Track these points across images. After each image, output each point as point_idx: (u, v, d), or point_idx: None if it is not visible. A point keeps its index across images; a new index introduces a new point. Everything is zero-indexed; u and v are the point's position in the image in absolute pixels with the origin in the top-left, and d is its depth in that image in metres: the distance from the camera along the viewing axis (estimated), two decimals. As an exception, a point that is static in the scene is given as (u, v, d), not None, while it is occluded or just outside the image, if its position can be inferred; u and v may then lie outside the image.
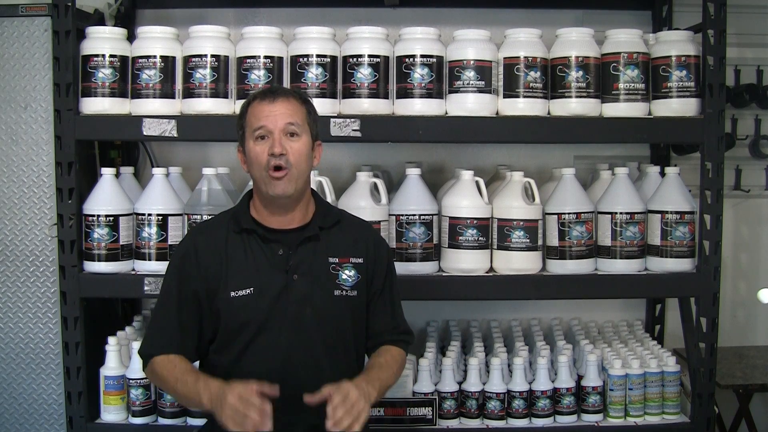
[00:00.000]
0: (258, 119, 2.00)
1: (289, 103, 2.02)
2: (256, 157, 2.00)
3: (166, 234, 2.58)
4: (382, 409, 2.58)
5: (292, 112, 2.01)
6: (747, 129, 3.22)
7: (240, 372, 2.03)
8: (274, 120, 1.99)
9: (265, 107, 2.00)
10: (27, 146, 2.64)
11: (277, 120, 1.99)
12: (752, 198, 3.26)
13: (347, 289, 2.09)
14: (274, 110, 2.00)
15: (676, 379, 2.70)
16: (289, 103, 2.02)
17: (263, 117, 2.00)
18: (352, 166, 3.00)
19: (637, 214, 2.64)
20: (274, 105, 2.00)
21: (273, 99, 2.01)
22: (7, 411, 2.70)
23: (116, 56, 2.55)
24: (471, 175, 2.65)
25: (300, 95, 2.09)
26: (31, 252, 2.66)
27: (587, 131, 2.61)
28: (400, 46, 2.58)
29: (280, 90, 2.07)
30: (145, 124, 2.53)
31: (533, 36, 2.60)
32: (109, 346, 2.62)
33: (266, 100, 2.01)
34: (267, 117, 1.99)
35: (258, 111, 2.01)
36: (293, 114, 2.01)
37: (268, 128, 1.99)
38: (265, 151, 1.98)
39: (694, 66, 2.60)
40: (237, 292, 2.02)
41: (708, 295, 2.61)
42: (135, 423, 2.60)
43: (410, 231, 2.59)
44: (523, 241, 2.60)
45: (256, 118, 2.01)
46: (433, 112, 2.56)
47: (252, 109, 2.03)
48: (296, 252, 2.05)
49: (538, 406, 2.64)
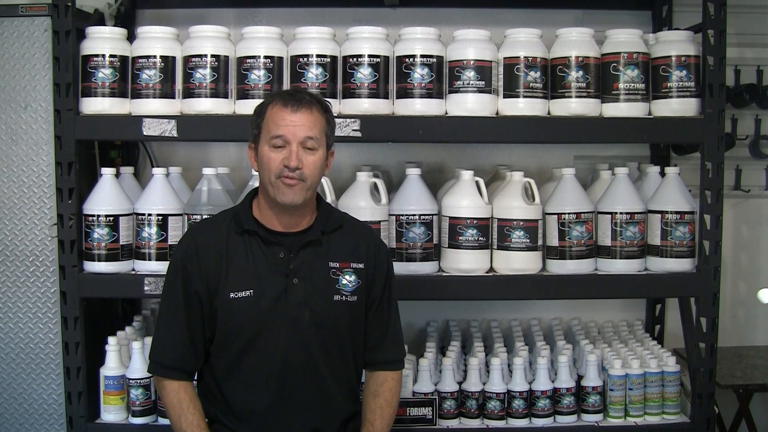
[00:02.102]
0: (277, 127, 1.96)
1: (311, 114, 1.98)
2: (268, 163, 1.97)
3: (166, 234, 2.58)
4: (382, 409, 2.59)
5: (312, 125, 1.97)
6: (747, 129, 3.22)
7: (238, 375, 2.03)
8: (293, 132, 1.95)
9: (287, 115, 1.96)
10: (27, 146, 2.64)
11: (296, 132, 1.95)
12: (752, 198, 3.26)
13: (347, 294, 2.08)
14: (295, 120, 1.96)
15: (676, 379, 2.70)
16: (311, 115, 1.97)
17: (283, 126, 1.96)
18: (352, 166, 3.00)
19: (637, 214, 2.64)
20: (295, 115, 1.96)
21: (296, 108, 1.96)
22: (7, 411, 2.70)
23: (116, 56, 2.55)
24: (471, 175, 2.65)
25: (322, 103, 2.04)
26: (31, 252, 2.66)
27: (587, 131, 2.61)
28: (400, 46, 2.58)
29: (304, 98, 2.01)
30: (145, 124, 2.53)
31: (533, 36, 2.60)
32: (109, 346, 2.62)
33: (289, 108, 1.97)
34: (287, 127, 1.95)
35: (278, 118, 1.97)
36: (313, 127, 1.97)
37: (287, 139, 1.96)
38: (279, 159, 1.96)
39: (694, 66, 2.60)
40: (236, 294, 2.01)
41: (708, 295, 2.61)
42: (135, 423, 2.60)
43: (410, 231, 2.59)
44: (523, 241, 2.59)
45: (276, 125, 1.97)
46: (433, 112, 2.56)
47: (272, 113, 1.98)
48: (297, 256, 2.05)
49: (538, 406, 2.64)
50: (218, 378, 2.06)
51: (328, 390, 2.05)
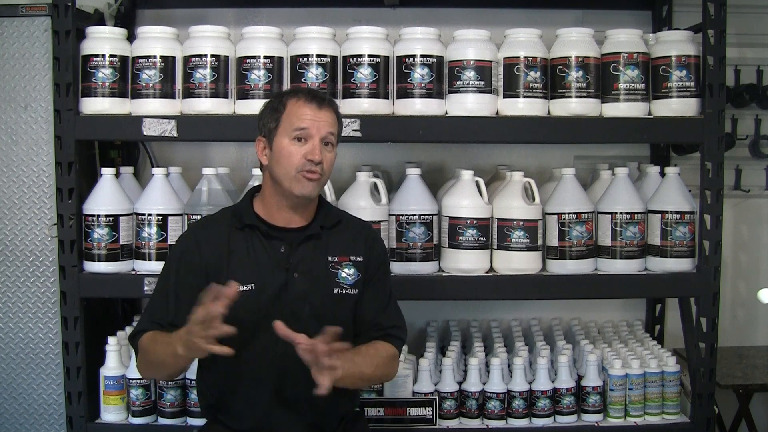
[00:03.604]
0: (302, 120, 2.01)
1: (332, 113, 2.07)
2: (289, 156, 2.01)
3: (166, 234, 2.58)
4: (382, 409, 2.59)
5: (333, 123, 2.06)
6: (747, 129, 3.22)
7: (238, 368, 2.03)
8: (318, 127, 2.01)
9: (311, 111, 2.02)
10: (27, 146, 2.64)
11: (321, 127, 2.01)
12: (752, 198, 3.26)
13: (347, 287, 2.10)
14: (320, 116, 2.02)
15: (676, 379, 2.70)
16: (332, 113, 2.06)
17: (308, 119, 2.01)
18: (352, 166, 2.99)
19: (637, 214, 2.64)
20: (320, 112, 2.02)
21: (320, 105, 2.03)
22: (7, 411, 2.70)
23: (116, 56, 2.55)
24: (471, 175, 2.65)
25: (335, 105, 2.11)
26: (31, 252, 2.66)
27: (587, 131, 2.61)
28: (400, 46, 2.58)
29: (325, 98, 2.08)
30: (145, 124, 2.53)
31: (533, 36, 2.60)
32: (109, 346, 2.62)
33: (313, 104, 2.03)
34: (312, 121, 2.01)
35: (302, 112, 2.02)
36: (333, 125, 2.06)
37: (311, 132, 2.01)
38: (300, 153, 2.00)
39: (694, 66, 2.60)
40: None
41: (708, 295, 2.61)
42: (135, 423, 2.60)
43: (410, 231, 2.59)
44: (523, 241, 2.60)
45: (300, 118, 2.01)
46: (433, 112, 2.56)
47: (295, 108, 2.03)
48: (297, 250, 2.06)
49: (538, 406, 2.64)
50: (218, 373, 2.06)
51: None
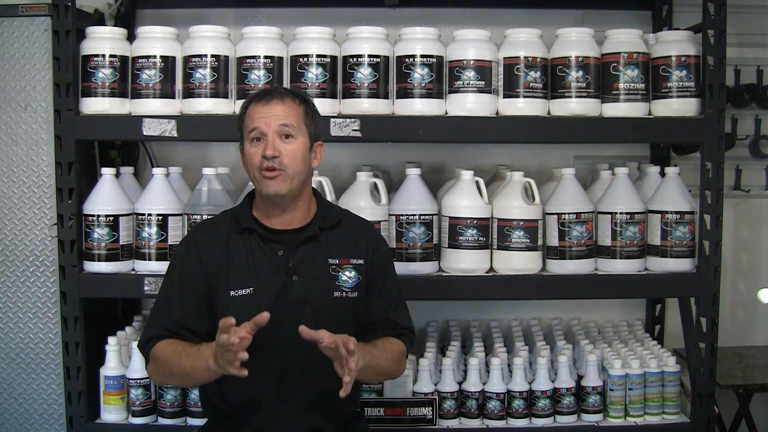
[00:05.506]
0: (252, 121, 2.01)
1: (284, 104, 2.02)
2: (250, 158, 2.02)
3: (166, 234, 2.58)
4: (382, 409, 2.59)
5: (287, 114, 2.01)
6: (747, 129, 3.22)
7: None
8: (267, 122, 2.00)
9: (260, 109, 2.01)
10: (27, 146, 2.64)
11: (270, 122, 2.00)
12: (752, 198, 3.26)
13: (347, 290, 2.09)
14: (268, 112, 2.00)
15: (676, 379, 2.70)
16: (283, 105, 2.01)
17: (257, 118, 2.00)
18: (352, 166, 3.00)
19: (637, 214, 2.64)
20: (268, 107, 2.01)
21: (268, 100, 2.02)
22: (7, 411, 2.70)
23: (116, 56, 2.55)
24: (471, 175, 2.65)
25: (298, 95, 2.08)
26: (31, 252, 2.66)
27: (587, 131, 2.61)
28: (400, 46, 2.58)
29: (276, 91, 2.07)
30: (145, 124, 2.53)
31: (533, 36, 2.60)
32: (109, 346, 2.62)
33: (261, 102, 2.02)
34: (261, 119, 2.00)
35: (253, 113, 2.02)
36: (287, 115, 2.01)
37: (262, 130, 2.00)
38: (258, 153, 2.00)
39: (694, 66, 2.60)
40: (237, 292, 2.02)
41: (708, 295, 2.61)
42: (135, 423, 2.60)
43: (410, 231, 2.59)
44: (523, 241, 2.59)
45: (251, 119, 2.02)
46: (433, 112, 2.56)
47: (248, 111, 2.04)
48: (296, 253, 2.05)
49: (538, 406, 2.64)
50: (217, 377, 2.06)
51: (328, 388, 2.04)
